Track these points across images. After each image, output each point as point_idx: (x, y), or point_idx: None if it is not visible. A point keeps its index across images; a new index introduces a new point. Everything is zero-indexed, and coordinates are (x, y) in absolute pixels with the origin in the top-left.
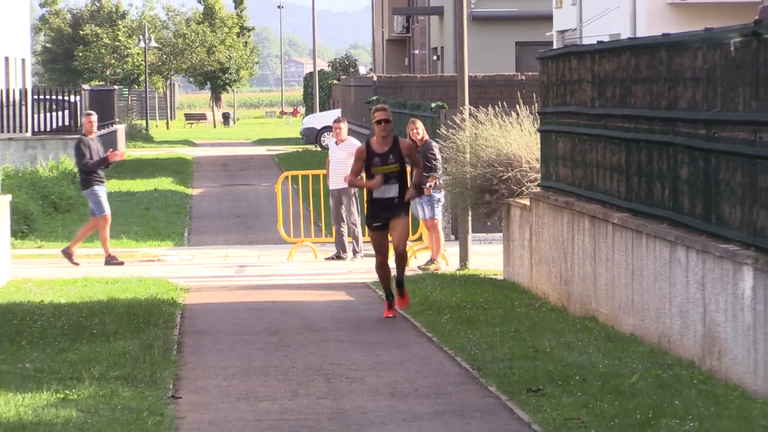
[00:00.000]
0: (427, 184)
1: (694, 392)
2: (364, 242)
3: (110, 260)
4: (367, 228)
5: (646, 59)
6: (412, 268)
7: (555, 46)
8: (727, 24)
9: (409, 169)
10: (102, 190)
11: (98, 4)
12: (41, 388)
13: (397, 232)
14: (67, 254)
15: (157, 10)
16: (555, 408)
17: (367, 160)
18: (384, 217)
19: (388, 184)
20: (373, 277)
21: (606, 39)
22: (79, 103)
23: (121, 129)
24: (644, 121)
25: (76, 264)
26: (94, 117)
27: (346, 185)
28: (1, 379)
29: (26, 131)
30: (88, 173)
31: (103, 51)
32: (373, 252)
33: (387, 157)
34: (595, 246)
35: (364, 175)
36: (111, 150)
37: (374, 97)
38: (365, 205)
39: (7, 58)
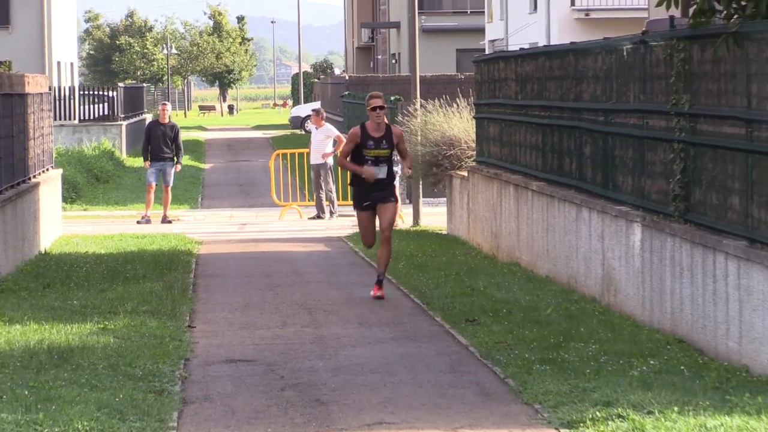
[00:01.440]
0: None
1: (595, 321)
2: (339, 206)
3: (143, 221)
4: (355, 210)
5: (557, 62)
6: None
7: (487, 52)
8: (621, 34)
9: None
10: (153, 167)
11: (131, 20)
12: (85, 320)
13: (385, 216)
14: (165, 221)
15: (177, 25)
16: (487, 334)
17: (360, 142)
18: (372, 198)
19: (378, 166)
20: (346, 232)
21: (526, 46)
22: (115, 97)
23: (148, 117)
24: (556, 110)
25: (169, 222)
26: (169, 107)
27: (323, 161)
28: (54, 313)
29: (74, 119)
30: (150, 152)
31: (135, 57)
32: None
33: (381, 142)
34: (518, 207)
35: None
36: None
37: (346, 92)
38: (348, 179)
39: (59, 63)
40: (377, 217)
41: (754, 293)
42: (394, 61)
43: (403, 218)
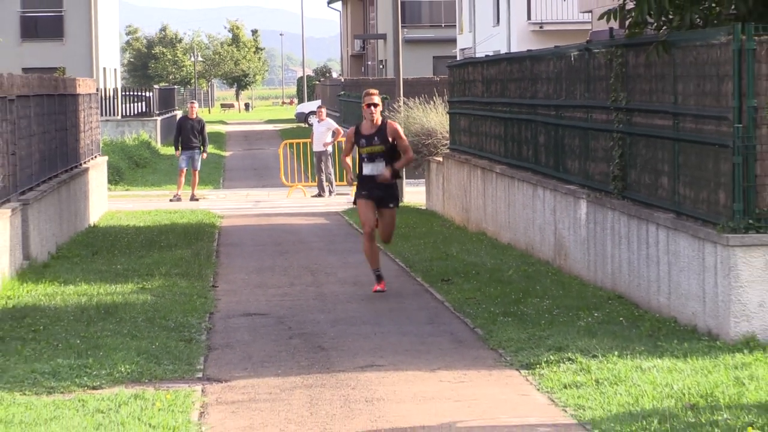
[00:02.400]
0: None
1: (549, 281)
2: (336, 186)
3: (175, 199)
4: (356, 202)
5: (516, 66)
6: None
7: (458, 59)
8: (569, 43)
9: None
10: (184, 155)
11: (164, 33)
12: (127, 281)
13: (385, 222)
14: (193, 198)
15: (202, 37)
16: (459, 291)
17: (355, 141)
18: (372, 194)
19: (374, 162)
20: (342, 207)
21: (491, 53)
22: (151, 97)
23: (179, 113)
24: (516, 106)
25: (196, 200)
26: (196, 105)
27: (324, 149)
28: (101, 275)
29: (117, 115)
30: (180, 142)
31: (167, 63)
32: (346, 195)
33: (372, 139)
34: (484, 187)
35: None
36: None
37: (342, 92)
38: (355, 168)
39: (104, 68)
40: (378, 221)
41: (681, 257)
42: (381, 66)
43: None
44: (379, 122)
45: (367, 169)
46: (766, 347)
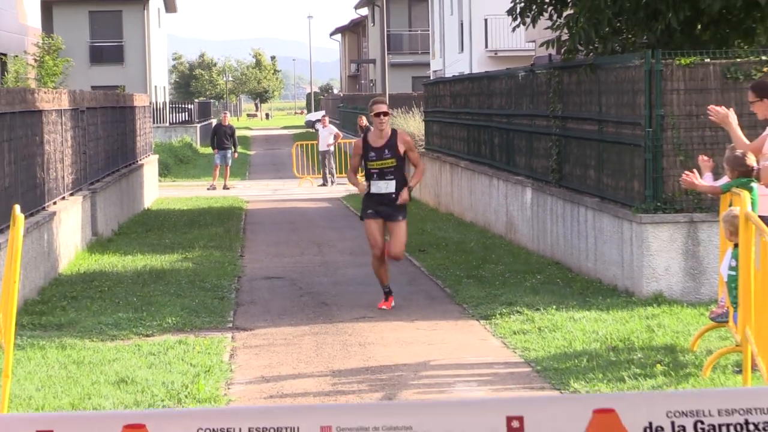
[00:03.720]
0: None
1: (502, 251)
2: (337, 177)
3: (211, 188)
4: (362, 221)
5: (476, 83)
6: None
7: (431, 78)
8: (518, 66)
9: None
10: (218, 154)
11: (202, 59)
12: (173, 252)
13: (396, 237)
14: (225, 188)
15: (232, 62)
16: (432, 259)
17: (363, 154)
18: (379, 212)
19: (384, 180)
20: (341, 194)
21: (457, 74)
22: (192, 109)
23: (214, 121)
24: (476, 115)
25: (228, 189)
26: (228, 114)
27: (327, 148)
28: (153, 247)
29: (166, 123)
30: (216, 143)
31: (204, 82)
32: (344, 185)
33: (382, 152)
34: (452, 178)
35: (360, 177)
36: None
37: (341, 104)
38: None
39: (156, 86)
40: (388, 236)
41: (604, 232)
42: (371, 84)
43: None
44: (389, 133)
45: (376, 188)
46: (671, 302)
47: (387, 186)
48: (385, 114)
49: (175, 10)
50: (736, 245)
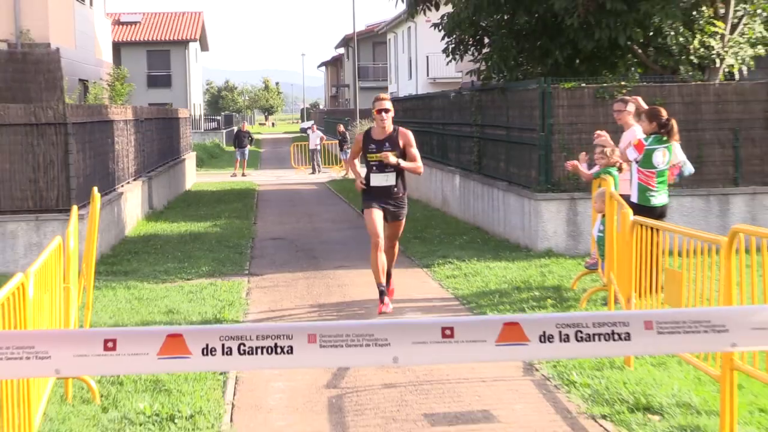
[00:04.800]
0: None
1: (439, 220)
2: (323, 167)
3: (233, 176)
4: (364, 212)
5: (421, 101)
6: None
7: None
8: (450, 89)
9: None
10: (238, 151)
11: (227, 84)
12: (206, 220)
13: (392, 231)
14: (243, 175)
15: (248, 86)
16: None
17: (363, 146)
18: (380, 205)
19: (384, 172)
20: (326, 180)
21: (407, 95)
22: (219, 120)
23: (235, 128)
24: (421, 124)
25: (245, 176)
26: (246, 123)
27: (315, 147)
28: (191, 217)
29: (201, 129)
30: (237, 143)
31: (228, 101)
32: (327, 173)
33: (382, 145)
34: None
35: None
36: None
37: (326, 116)
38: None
39: (194, 103)
40: (386, 228)
41: (511, 206)
42: (347, 102)
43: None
44: (390, 130)
45: (377, 180)
46: (557, 255)
47: (387, 179)
48: (387, 111)
49: (207, 50)
50: (603, 215)
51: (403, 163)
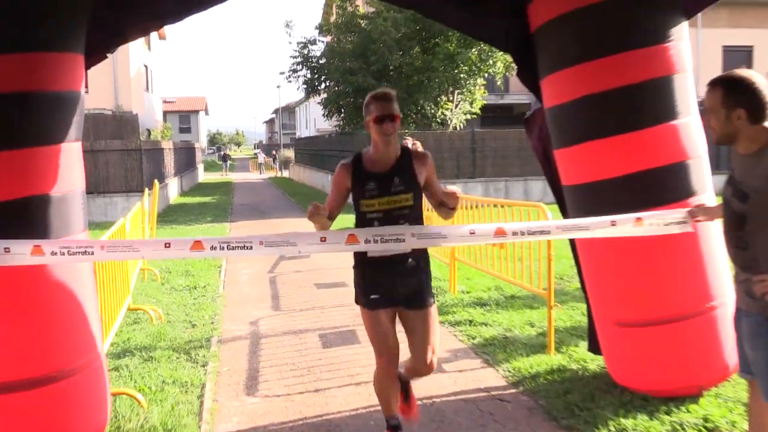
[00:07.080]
0: None
1: (321, 200)
2: (265, 171)
3: (222, 176)
4: (359, 306)
5: (313, 139)
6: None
7: (297, 137)
8: (327, 132)
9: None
10: (224, 164)
11: (218, 131)
12: (208, 197)
13: (421, 333)
14: (226, 175)
15: (228, 132)
16: (294, 197)
17: (353, 187)
18: (391, 295)
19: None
20: (267, 177)
21: (306, 136)
22: (215, 149)
23: (222, 153)
24: (312, 150)
25: (227, 176)
26: (228, 150)
27: (261, 162)
28: (200, 195)
29: (205, 153)
30: (223, 159)
31: (218, 140)
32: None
33: (390, 182)
34: (304, 172)
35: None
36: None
37: (266, 146)
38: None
39: (202, 141)
40: (406, 329)
41: None
42: (277, 138)
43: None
44: (398, 151)
45: (380, 248)
46: None
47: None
48: (394, 119)
49: (208, 114)
50: None
51: (450, 206)
